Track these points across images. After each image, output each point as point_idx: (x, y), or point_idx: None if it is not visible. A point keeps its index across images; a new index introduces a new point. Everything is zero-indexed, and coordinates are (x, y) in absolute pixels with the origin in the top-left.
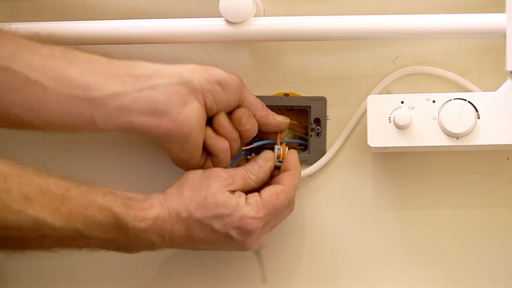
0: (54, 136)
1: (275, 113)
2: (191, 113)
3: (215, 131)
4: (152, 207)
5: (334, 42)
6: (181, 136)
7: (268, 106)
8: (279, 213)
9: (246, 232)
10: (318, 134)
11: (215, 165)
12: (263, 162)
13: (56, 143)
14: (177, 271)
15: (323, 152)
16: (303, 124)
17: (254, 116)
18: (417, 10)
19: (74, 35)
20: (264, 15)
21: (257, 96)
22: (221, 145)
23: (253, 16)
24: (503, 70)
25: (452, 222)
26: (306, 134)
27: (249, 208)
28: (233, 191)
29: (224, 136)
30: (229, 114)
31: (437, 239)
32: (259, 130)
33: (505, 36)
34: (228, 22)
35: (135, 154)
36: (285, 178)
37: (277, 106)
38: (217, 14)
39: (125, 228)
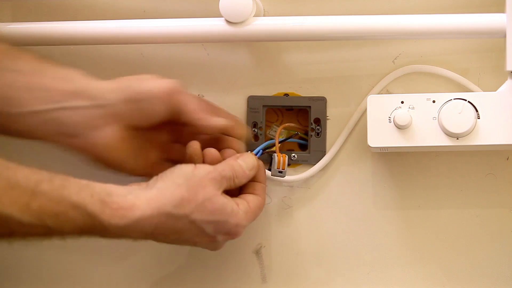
0: None
1: (214, 117)
2: (103, 136)
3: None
4: (134, 208)
5: (334, 42)
6: (94, 156)
7: (268, 106)
8: None
9: (232, 238)
10: (318, 134)
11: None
12: (249, 170)
13: None
14: (177, 271)
15: (323, 152)
16: (303, 124)
17: (192, 120)
18: (417, 10)
19: (74, 35)
20: (264, 15)
21: (257, 96)
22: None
23: (253, 16)
24: (503, 70)
25: (452, 222)
26: (306, 134)
27: (243, 216)
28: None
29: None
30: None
31: (437, 239)
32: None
33: (505, 36)
34: (228, 22)
35: None
36: (262, 192)
37: (277, 106)
38: (217, 14)
39: (101, 226)
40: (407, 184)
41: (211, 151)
